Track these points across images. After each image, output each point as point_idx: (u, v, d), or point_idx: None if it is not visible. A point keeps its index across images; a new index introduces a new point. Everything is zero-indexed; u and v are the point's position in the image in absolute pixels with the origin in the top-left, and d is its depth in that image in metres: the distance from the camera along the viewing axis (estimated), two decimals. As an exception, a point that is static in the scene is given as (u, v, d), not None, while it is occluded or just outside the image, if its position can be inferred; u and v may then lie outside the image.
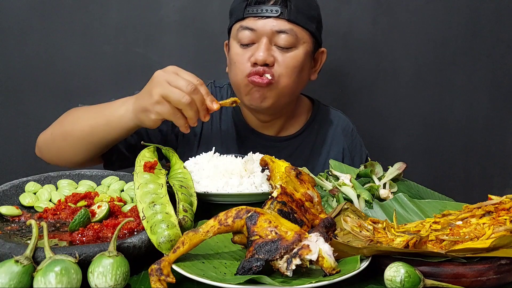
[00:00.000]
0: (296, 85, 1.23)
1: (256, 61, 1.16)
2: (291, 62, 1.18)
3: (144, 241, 0.70)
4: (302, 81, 1.25)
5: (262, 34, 1.17)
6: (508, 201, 0.78)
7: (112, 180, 0.96)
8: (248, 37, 1.18)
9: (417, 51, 1.77)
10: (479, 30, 1.77)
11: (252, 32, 1.17)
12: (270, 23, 1.16)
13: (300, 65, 1.20)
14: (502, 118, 1.84)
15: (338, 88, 1.77)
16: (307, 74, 1.26)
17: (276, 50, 1.18)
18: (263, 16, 1.16)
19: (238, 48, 1.20)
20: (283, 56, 1.18)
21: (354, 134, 1.40)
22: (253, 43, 1.18)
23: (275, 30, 1.16)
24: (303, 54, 1.20)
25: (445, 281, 0.65)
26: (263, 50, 1.16)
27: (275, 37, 1.17)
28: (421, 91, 1.80)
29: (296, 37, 1.17)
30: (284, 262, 0.62)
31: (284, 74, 1.19)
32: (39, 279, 0.59)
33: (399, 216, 0.87)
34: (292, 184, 0.82)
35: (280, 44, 1.17)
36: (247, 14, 1.18)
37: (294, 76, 1.20)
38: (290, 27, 1.16)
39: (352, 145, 1.38)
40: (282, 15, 1.16)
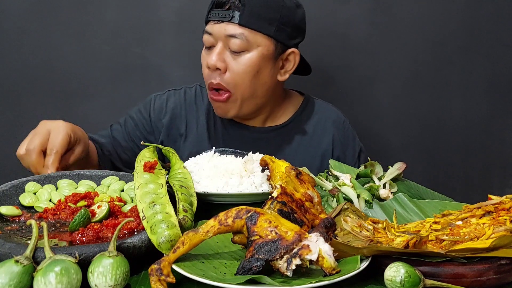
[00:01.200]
0: (255, 88, 1.23)
1: (208, 65, 1.21)
2: (242, 67, 1.20)
3: (144, 241, 0.70)
4: (263, 83, 1.24)
5: (217, 38, 1.20)
6: (508, 201, 0.78)
7: (112, 180, 0.96)
8: (208, 40, 1.22)
9: (415, 51, 1.77)
10: (477, 30, 1.77)
11: (210, 36, 1.21)
12: (223, 27, 1.19)
13: (254, 69, 1.21)
14: (501, 118, 1.84)
15: (336, 88, 1.76)
16: (269, 77, 1.24)
17: (230, 55, 1.20)
18: (218, 20, 1.19)
19: (204, 51, 1.26)
20: (234, 61, 1.20)
21: (346, 126, 1.39)
22: (213, 46, 1.22)
23: (227, 34, 1.18)
24: (257, 57, 1.20)
25: (445, 281, 0.65)
26: (215, 55, 1.20)
27: (228, 41, 1.19)
28: (420, 91, 1.80)
29: (248, 41, 1.18)
30: (284, 262, 0.62)
31: (238, 82, 1.21)
32: (39, 279, 0.59)
33: (399, 216, 0.87)
34: (292, 184, 0.82)
35: (232, 49, 1.19)
36: (209, 17, 1.22)
37: (248, 81, 1.21)
38: (241, 31, 1.18)
39: (344, 137, 1.37)
40: (233, 19, 1.17)
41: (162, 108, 1.36)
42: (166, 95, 1.37)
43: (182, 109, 1.36)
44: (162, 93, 1.39)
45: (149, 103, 1.37)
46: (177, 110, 1.35)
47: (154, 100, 1.37)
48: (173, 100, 1.37)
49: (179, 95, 1.38)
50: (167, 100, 1.36)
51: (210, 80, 1.22)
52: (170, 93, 1.38)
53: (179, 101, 1.37)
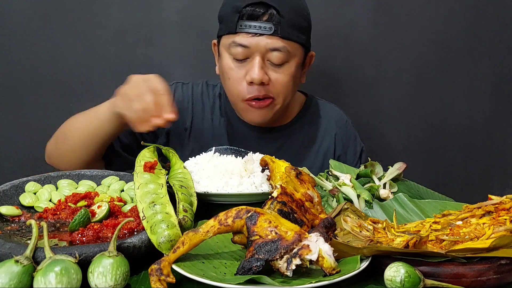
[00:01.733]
0: (291, 95, 1.26)
1: (252, 80, 1.17)
2: (285, 78, 1.20)
3: (144, 241, 0.70)
4: (295, 90, 1.28)
5: (255, 51, 1.16)
6: (508, 201, 0.78)
7: (112, 180, 0.96)
8: (241, 53, 1.17)
9: (418, 52, 1.77)
10: (480, 31, 1.77)
11: (246, 48, 1.16)
12: (264, 40, 1.15)
13: (293, 78, 1.22)
14: (503, 119, 1.84)
15: (339, 88, 1.77)
16: (299, 81, 1.28)
17: (269, 66, 1.18)
18: (257, 33, 1.15)
19: (231, 62, 1.20)
20: (276, 74, 1.19)
21: (348, 125, 1.40)
22: (246, 58, 1.18)
23: (269, 48, 1.16)
24: (295, 67, 1.21)
25: (445, 281, 0.65)
26: (258, 69, 1.16)
27: (268, 54, 1.17)
28: (422, 92, 1.80)
29: (289, 53, 1.18)
30: (284, 262, 0.62)
31: (281, 92, 1.21)
32: (39, 279, 0.59)
33: (399, 216, 0.87)
34: (292, 184, 0.82)
35: (274, 61, 1.17)
36: (239, 29, 1.16)
37: (290, 91, 1.23)
38: (283, 44, 1.16)
39: (346, 136, 1.38)
40: (275, 32, 1.15)
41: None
42: (174, 86, 1.35)
43: (189, 103, 1.34)
44: (169, 83, 1.33)
45: (172, 89, 1.33)
46: (184, 103, 1.33)
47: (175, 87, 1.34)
48: (181, 92, 1.34)
49: (186, 88, 1.35)
50: (175, 91, 1.34)
51: (252, 94, 1.19)
52: (178, 85, 1.36)
53: (187, 95, 1.34)
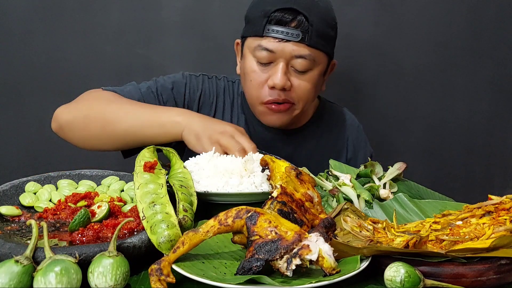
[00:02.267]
0: (311, 102, 1.27)
1: (274, 85, 1.17)
2: (307, 86, 1.20)
3: (144, 241, 0.70)
4: (316, 96, 1.29)
5: (280, 56, 1.16)
6: (508, 201, 0.78)
7: (112, 180, 0.96)
8: (266, 57, 1.17)
9: (419, 52, 1.77)
10: (481, 31, 1.77)
11: (271, 53, 1.16)
12: (290, 47, 1.15)
13: (315, 86, 1.22)
14: (503, 119, 1.84)
15: (340, 88, 1.77)
16: (320, 88, 1.28)
17: (292, 72, 1.19)
18: (284, 39, 1.14)
19: (255, 65, 1.20)
20: (299, 80, 1.19)
21: (359, 130, 1.42)
22: (270, 62, 1.18)
23: (294, 55, 1.16)
24: (318, 75, 1.21)
25: (445, 281, 0.65)
26: (281, 74, 1.16)
27: (292, 60, 1.17)
28: (423, 91, 1.80)
29: (314, 61, 1.18)
30: (284, 262, 0.62)
31: (302, 99, 1.22)
32: (39, 279, 0.59)
33: (399, 216, 0.87)
34: (292, 184, 0.82)
35: (297, 68, 1.17)
36: (267, 33, 1.15)
37: (310, 97, 1.24)
38: (309, 52, 1.16)
39: (357, 140, 1.40)
40: (302, 40, 1.14)
41: (198, 89, 1.31)
42: (201, 78, 1.33)
43: (213, 98, 1.33)
44: (195, 74, 1.34)
45: (184, 79, 1.31)
46: (208, 97, 1.33)
47: (189, 78, 1.32)
48: (207, 85, 1.33)
49: (211, 83, 1.34)
50: (203, 83, 1.33)
51: (272, 97, 1.19)
52: (205, 78, 1.34)
53: (212, 89, 1.34)
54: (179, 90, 1.29)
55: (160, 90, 1.27)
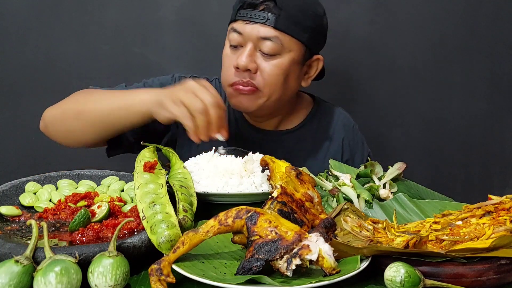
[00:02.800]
0: (282, 92, 1.22)
1: (238, 65, 1.17)
2: (274, 70, 1.18)
3: (144, 241, 0.70)
4: (290, 87, 1.24)
5: (248, 39, 1.17)
6: (508, 201, 0.78)
7: (112, 180, 0.96)
8: (236, 39, 1.18)
9: (416, 50, 1.77)
10: (477, 28, 1.77)
11: (240, 35, 1.18)
12: (257, 28, 1.16)
13: (284, 73, 1.19)
14: (502, 117, 1.84)
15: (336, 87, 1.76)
16: (295, 81, 1.25)
17: (260, 56, 1.18)
18: (251, 21, 1.16)
19: (228, 48, 1.22)
20: (266, 63, 1.18)
21: (355, 130, 1.40)
22: (241, 46, 1.19)
23: (260, 36, 1.16)
24: (288, 62, 1.19)
25: (445, 281, 0.65)
26: (246, 56, 1.16)
27: (260, 43, 1.16)
28: (420, 90, 1.79)
29: (282, 45, 1.17)
30: (284, 262, 0.62)
31: (268, 83, 1.19)
32: (39, 279, 0.59)
33: (399, 216, 0.87)
34: (292, 184, 0.82)
35: (264, 51, 1.17)
36: (238, 16, 1.18)
37: (279, 84, 1.20)
38: (276, 34, 1.15)
39: (354, 141, 1.38)
40: (269, 21, 1.15)
41: None
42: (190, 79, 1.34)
43: None
44: (185, 75, 1.33)
45: (172, 81, 1.31)
46: None
47: (178, 80, 1.31)
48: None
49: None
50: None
51: (236, 79, 1.19)
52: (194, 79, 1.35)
53: None
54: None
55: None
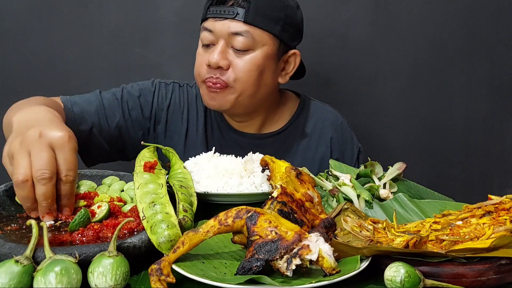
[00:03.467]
0: (256, 89, 1.20)
1: (209, 63, 1.16)
2: (247, 65, 1.16)
3: (144, 241, 0.70)
4: (265, 84, 1.21)
5: (219, 36, 1.16)
6: (508, 201, 0.78)
7: (112, 180, 0.96)
8: (207, 38, 1.17)
9: (416, 52, 1.77)
10: (478, 30, 1.77)
11: (211, 33, 1.16)
12: (227, 24, 1.14)
13: (258, 68, 1.17)
14: (502, 118, 1.84)
15: (336, 88, 1.77)
16: (271, 77, 1.22)
17: (232, 53, 1.16)
18: (221, 17, 1.15)
19: (200, 48, 1.21)
20: (238, 60, 1.16)
21: (344, 127, 1.37)
22: (213, 44, 1.18)
23: (231, 32, 1.14)
24: (262, 57, 1.17)
25: (445, 281, 0.65)
26: (217, 53, 1.15)
27: (231, 39, 1.15)
28: (420, 91, 1.80)
29: (253, 40, 1.15)
30: (284, 262, 0.62)
31: (240, 78, 1.17)
32: (39, 279, 0.59)
33: (399, 216, 0.87)
34: (292, 184, 0.82)
35: (236, 47, 1.15)
36: (208, 14, 1.17)
37: (252, 80, 1.18)
38: (246, 29, 1.14)
39: (342, 138, 1.35)
40: (238, 16, 1.13)
41: (167, 97, 1.30)
42: (171, 86, 1.32)
43: (184, 107, 1.31)
44: (166, 81, 1.33)
45: (153, 87, 1.30)
46: (179, 106, 1.31)
47: (158, 86, 1.30)
48: (178, 94, 1.32)
49: (182, 91, 1.33)
50: (172, 91, 1.31)
51: (207, 76, 1.17)
52: (175, 86, 1.33)
53: (183, 98, 1.32)
54: (146, 98, 1.28)
55: (126, 97, 1.26)
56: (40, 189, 0.73)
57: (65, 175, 0.76)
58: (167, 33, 1.68)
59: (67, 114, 1.16)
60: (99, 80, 1.68)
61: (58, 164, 0.75)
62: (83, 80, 1.67)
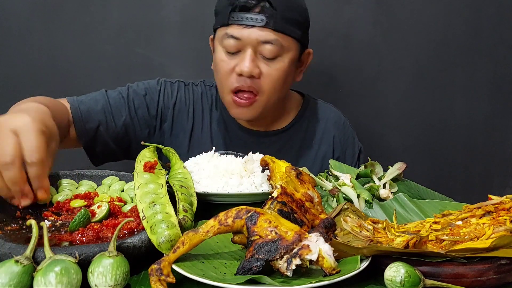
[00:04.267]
0: (280, 93, 1.22)
1: (242, 72, 1.15)
2: (276, 73, 1.17)
3: (144, 241, 0.70)
4: (287, 87, 1.25)
5: (247, 43, 1.14)
6: (508, 201, 0.78)
7: (113, 180, 0.96)
8: (233, 45, 1.15)
9: (418, 52, 1.77)
10: (480, 30, 1.77)
11: (237, 41, 1.15)
12: (256, 33, 1.13)
13: (285, 74, 1.19)
14: (503, 118, 1.84)
15: (338, 88, 1.77)
16: (291, 79, 1.25)
17: (261, 59, 1.16)
18: (248, 25, 1.13)
19: (223, 54, 1.18)
20: (268, 68, 1.16)
21: (346, 126, 1.39)
22: (238, 51, 1.17)
23: (261, 40, 1.14)
24: (288, 62, 1.18)
25: (445, 281, 0.65)
26: (249, 62, 1.14)
27: (260, 47, 1.14)
28: (422, 91, 1.80)
29: (282, 47, 1.15)
30: (284, 262, 0.62)
31: (269, 88, 1.18)
32: (39, 279, 0.59)
33: (399, 216, 0.87)
34: (292, 184, 0.82)
35: (265, 55, 1.15)
36: (232, 21, 1.15)
37: (279, 87, 1.20)
38: (276, 37, 1.14)
39: (344, 138, 1.37)
40: (267, 24, 1.12)
41: (172, 96, 1.30)
42: (176, 85, 1.32)
43: (190, 105, 1.32)
44: (171, 80, 1.33)
45: (158, 86, 1.31)
46: (185, 104, 1.32)
47: (164, 85, 1.31)
48: (183, 92, 1.32)
49: (188, 90, 1.33)
50: (178, 90, 1.32)
51: (238, 84, 1.17)
52: (181, 84, 1.33)
53: (188, 96, 1.32)
54: (152, 96, 1.29)
55: (132, 96, 1.26)
56: (6, 175, 0.75)
57: (29, 157, 0.76)
58: (170, 33, 1.68)
59: (74, 113, 1.18)
60: (102, 80, 1.68)
61: (22, 148, 0.76)
62: (85, 80, 1.67)
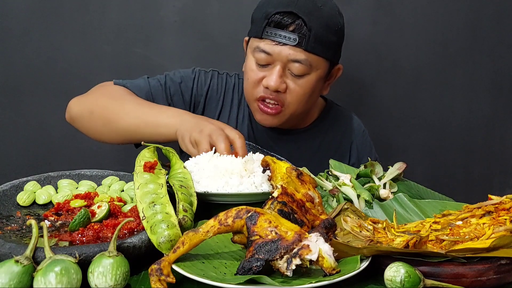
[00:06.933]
0: (305, 107, 1.26)
1: (268, 86, 1.18)
2: (302, 90, 1.20)
3: (144, 241, 0.70)
4: (313, 100, 1.28)
5: (277, 59, 1.17)
6: (508, 201, 0.78)
7: (113, 180, 0.96)
8: (263, 59, 1.18)
9: (418, 52, 1.77)
10: (480, 30, 1.77)
11: (268, 56, 1.17)
12: (287, 51, 1.15)
13: (311, 91, 1.22)
14: (503, 118, 1.84)
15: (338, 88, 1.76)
16: (318, 92, 1.28)
17: (289, 75, 1.19)
18: (280, 42, 1.15)
19: (254, 65, 1.22)
20: (294, 84, 1.19)
21: (365, 135, 1.42)
22: (268, 64, 1.19)
23: (291, 59, 1.16)
24: (315, 80, 1.21)
25: (445, 281, 0.65)
26: (276, 77, 1.17)
27: (289, 64, 1.17)
28: (422, 91, 1.80)
29: (310, 66, 1.18)
30: (284, 262, 0.62)
31: (294, 102, 1.21)
32: (39, 279, 0.59)
33: (399, 216, 0.87)
34: (293, 185, 0.82)
35: (294, 72, 1.18)
36: (265, 35, 1.17)
37: (304, 102, 1.23)
38: (305, 57, 1.16)
39: (362, 146, 1.40)
40: (299, 44, 1.14)
41: (205, 83, 1.35)
42: (210, 73, 1.37)
43: (221, 94, 1.36)
44: (206, 70, 1.37)
45: (193, 74, 1.35)
46: (216, 93, 1.36)
47: (198, 73, 1.35)
48: (216, 81, 1.36)
49: (221, 79, 1.37)
50: (211, 78, 1.36)
51: (264, 94, 1.21)
52: (214, 73, 1.37)
53: (221, 85, 1.36)
54: (187, 84, 1.33)
55: (168, 84, 1.31)
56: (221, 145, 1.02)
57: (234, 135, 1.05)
58: (169, 33, 1.68)
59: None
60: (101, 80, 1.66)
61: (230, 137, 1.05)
62: (84, 80, 1.67)
